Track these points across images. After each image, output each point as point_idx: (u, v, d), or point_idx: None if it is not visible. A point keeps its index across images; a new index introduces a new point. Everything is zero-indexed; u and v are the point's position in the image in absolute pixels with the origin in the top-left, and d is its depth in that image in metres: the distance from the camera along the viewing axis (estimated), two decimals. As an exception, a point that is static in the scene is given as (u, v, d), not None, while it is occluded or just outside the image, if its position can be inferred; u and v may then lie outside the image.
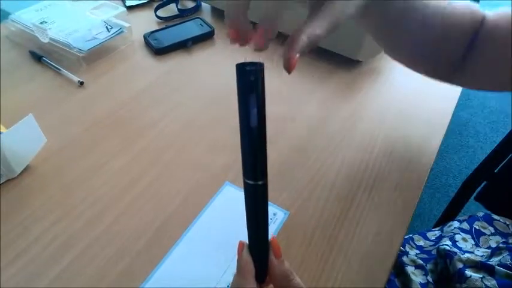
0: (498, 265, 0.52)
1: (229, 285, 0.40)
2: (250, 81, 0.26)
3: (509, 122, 1.85)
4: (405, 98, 0.65)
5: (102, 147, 0.54)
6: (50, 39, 0.66)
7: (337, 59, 0.71)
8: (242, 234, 0.45)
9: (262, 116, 0.26)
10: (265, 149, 0.28)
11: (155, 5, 0.81)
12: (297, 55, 0.29)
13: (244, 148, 0.28)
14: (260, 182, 0.28)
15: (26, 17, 0.69)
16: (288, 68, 0.28)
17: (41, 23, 0.68)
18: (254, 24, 0.31)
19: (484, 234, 0.63)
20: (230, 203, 0.48)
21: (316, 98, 0.64)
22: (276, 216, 0.47)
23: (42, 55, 0.67)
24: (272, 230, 0.45)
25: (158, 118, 0.59)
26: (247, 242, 0.32)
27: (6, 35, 0.72)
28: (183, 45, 0.73)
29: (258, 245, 0.32)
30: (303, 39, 0.29)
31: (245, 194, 0.29)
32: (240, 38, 0.30)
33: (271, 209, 0.48)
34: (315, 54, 0.72)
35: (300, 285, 0.31)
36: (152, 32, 0.74)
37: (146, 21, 0.79)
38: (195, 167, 0.52)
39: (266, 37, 0.30)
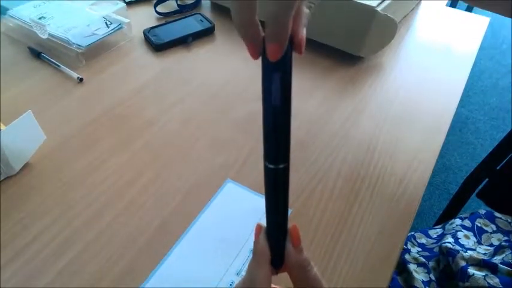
0: (501, 263, 0.51)
1: (232, 285, 0.40)
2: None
3: (509, 119, 1.85)
4: (407, 95, 0.65)
5: (102, 144, 0.53)
6: (49, 35, 0.65)
7: (338, 55, 0.70)
8: (244, 232, 0.44)
9: (287, 94, 0.24)
10: (289, 131, 0.26)
11: (155, 0, 0.81)
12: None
13: (266, 129, 0.25)
14: (281, 166, 0.26)
15: (24, 12, 0.69)
16: (300, 50, 0.24)
17: (40, 18, 0.67)
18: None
19: (486, 231, 0.63)
20: (232, 200, 0.48)
21: (317, 95, 0.64)
22: (278, 214, 0.46)
23: (41, 51, 0.66)
24: (274, 228, 0.45)
25: (158, 115, 0.58)
26: (265, 225, 0.31)
27: (5, 30, 0.71)
28: (183, 41, 0.72)
29: (276, 230, 0.30)
30: (305, 10, 0.25)
31: (265, 177, 0.28)
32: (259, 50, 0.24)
33: (273, 206, 0.47)
34: (316, 50, 0.72)
35: (317, 277, 0.29)
36: (152, 28, 0.73)
37: (146, 16, 0.79)
38: (196, 164, 0.52)
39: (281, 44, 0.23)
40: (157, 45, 0.70)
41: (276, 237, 0.30)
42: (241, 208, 0.47)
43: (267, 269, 0.29)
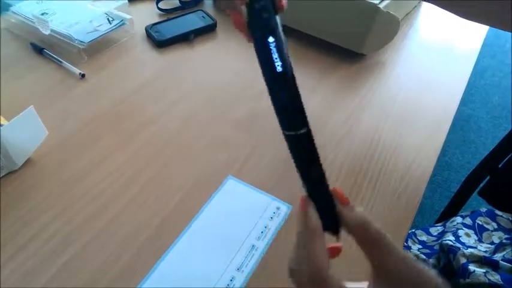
0: (502, 260, 0.51)
1: (233, 280, 0.40)
2: (262, 19, 0.23)
3: (511, 117, 1.84)
4: (409, 92, 0.65)
5: (103, 140, 0.54)
6: (51, 31, 0.65)
7: (340, 53, 0.70)
8: (245, 228, 0.45)
9: (285, 58, 0.24)
10: (299, 95, 0.25)
11: (157, -3, 0.81)
12: None
13: (275, 99, 0.25)
14: (302, 131, 0.26)
15: (26, 8, 0.69)
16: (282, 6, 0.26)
17: (42, 14, 0.67)
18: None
19: (487, 229, 0.63)
20: (233, 196, 0.48)
21: (319, 92, 0.64)
22: (280, 210, 0.47)
23: (44, 47, 0.66)
24: (275, 223, 0.45)
25: (160, 111, 0.58)
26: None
27: (7, 27, 0.71)
28: (185, 38, 0.72)
29: (321, 196, 0.28)
30: None
31: (289, 147, 0.27)
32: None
33: (274, 203, 0.47)
34: (318, 47, 0.71)
35: (378, 232, 0.28)
36: (154, 25, 0.73)
37: (148, 13, 0.79)
38: (197, 161, 0.52)
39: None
40: (159, 41, 0.70)
41: (324, 203, 0.29)
42: (242, 204, 0.47)
43: (323, 240, 0.28)
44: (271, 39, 0.23)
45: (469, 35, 0.80)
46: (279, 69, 0.24)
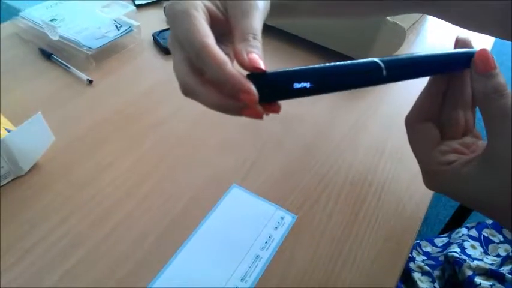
0: (509, 273, 0.51)
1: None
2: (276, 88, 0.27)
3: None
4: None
5: (110, 145, 0.54)
6: (60, 36, 0.66)
7: (345, 61, 0.70)
8: (249, 237, 0.44)
9: (304, 79, 0.28)
10: (340, 71, 0.30)
11: (164, 3, 0.81)
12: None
13: (353, 86, 0.30)
14: (384, 71, 0.28)
15: (35, 14, 0.69)
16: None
17: (51, 20, 0.68)
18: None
19: (493, 242, 0.62)
20: (237, 205, 0.48)
21: (324, 100, 0.64)
22: (284, 220, 0.46)
23: (52, 53, 0.67)
24: (280, 234, 0.45)
25: (166, 117, 0.59)
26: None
27: (16, 32, 0.72)
28: (192, 45, 0.72)
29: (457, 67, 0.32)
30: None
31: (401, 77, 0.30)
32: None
33: (279, 212, 0.47)
34: (325, 56, 0.71)
35: (502, 109, 0.25)
36: (161, 31, 0.74)
37: (155, 20, 0.79)
38: (203, 167, 0.52)
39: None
40: (166, 48, 0.70)
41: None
42: (246, 213, 0.47)
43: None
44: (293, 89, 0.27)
45: (476, 43, 0.80)
46: (308, 86, 0.27)
